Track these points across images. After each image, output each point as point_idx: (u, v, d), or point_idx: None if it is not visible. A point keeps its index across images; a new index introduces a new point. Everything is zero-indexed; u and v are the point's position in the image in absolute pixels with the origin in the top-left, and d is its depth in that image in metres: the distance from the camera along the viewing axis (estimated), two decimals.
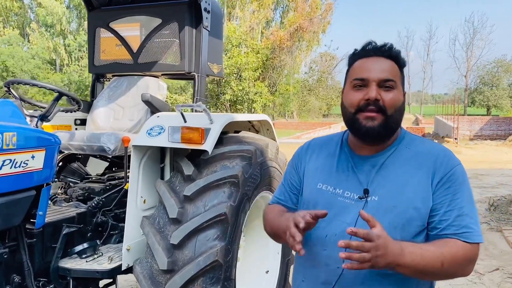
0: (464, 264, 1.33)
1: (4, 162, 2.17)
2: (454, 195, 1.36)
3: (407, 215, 1.35)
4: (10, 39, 32.08)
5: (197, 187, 2.57)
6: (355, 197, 1.41)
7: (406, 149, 1.45)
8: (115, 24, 3.77)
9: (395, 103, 1.39)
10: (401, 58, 1.45)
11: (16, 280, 2.41)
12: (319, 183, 1.51)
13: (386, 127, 1.39)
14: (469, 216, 1.35)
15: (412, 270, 1.26)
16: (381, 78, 1.39)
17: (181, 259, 2.47)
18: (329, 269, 1.40)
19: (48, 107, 2.74)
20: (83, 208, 2.98)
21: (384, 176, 1.41)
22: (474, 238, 1.33)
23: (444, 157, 1.41)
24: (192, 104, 2.69)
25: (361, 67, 1.43)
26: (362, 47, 1.47)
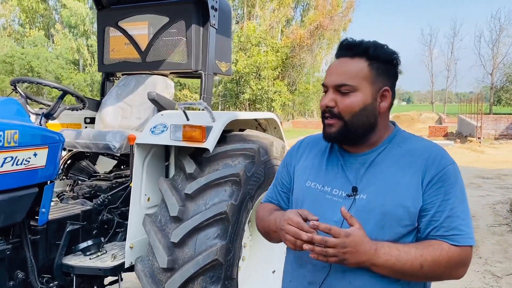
0: (451, 267, 1.29)
1: (5, 160, 2.19)
2: (445, 195, 1.31)
3: (395, 214, 1.32)
4: (35, 40, 32.85)
5: (198, 185, 2.56)
6: (343, 195, 1.38)
7: (397, 147, 1.42)
8: (124, 23, 3.80)
9: (351, 108, 1.36)
10: (372, 52, 1.37)
11: (20, 277, 2.44)
12: (308, 181, 1.49)
13: (345, 132, 1.37)
14: (460, 217, 1.31)
15: (388, 270, 1.26)
16: (335, 83, 1.37)
17: (181, 257, 2.46)
18: (316, 268, 1.38)
19: (53, 105, 2.77)
20: (88, 206, 3.00)
21: (373, 174, 1.38)
22: (463, 240, 1.29)
23: (436, 156, 1.36)
24: (193, 102, 2.68)
25: (328, 70, 1.43)
26: (339, 46, 1.44)
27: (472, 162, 14.83)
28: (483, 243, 5.97)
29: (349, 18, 38.36)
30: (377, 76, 1.38)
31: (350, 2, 37.38)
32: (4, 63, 28.52)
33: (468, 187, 10.04)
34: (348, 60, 1.38)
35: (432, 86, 63.66)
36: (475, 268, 5.05)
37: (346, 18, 37.89)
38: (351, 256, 1.22)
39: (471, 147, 19.43)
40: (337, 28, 36.64)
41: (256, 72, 26.10)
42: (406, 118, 41.40)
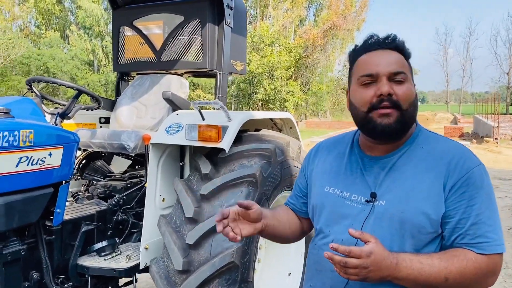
0: (478, 277, 1.22)
1: (20, 159, 2.18)
2: (469, 201, 1.23)
3: (416, 222, 1.24)
4: (51, 41, 33.24)
5: (213, 186, 2.52)
6: (363, 200, 1.32)
7: (419, 148, 1.34)
8: (139, 22, 3.78)
9: (409, 96, 1.29)
10: (406, 48, 1.35)
11: (34, 277, 2.43)
12: (326, 186, 1.44)
13: (402, 122, 1.28)
14: (486, 224, 1.22)
15: (411, 283, 1.20)
16: (391, 71, 1.28)
17: (196, 259, 2.42)
18: (335, 275, 1.29)
19: (68, 105, 2.75)
20: (103, 206, 2.98)
21: (393, 180, 1.31)
22: (491, 248, 1.21)
23: (460, 158, 1.28)
24: (209, 101, 2.64)
25: (366, 62, 1.33)
26: (364, 41, 1.37)
27: (490, 162, 14.57)
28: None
29: (363, 17, 38.07)
30: (411, 71, 1.36)
31: (363, 2, 37.09)
32: (21, 64, 28.89)
33: None
34: (390, 51, 1.33)
35: (447, 86, 62.87)
36: None
37: (360, 18, 37.60)
38: (374, 274, 1.16)
39: (488, 147, 19.11)
40: (351, 27, 36.36)
41: (269, 72, 26.04)
42: (421, 118, 40.98)
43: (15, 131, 2.14)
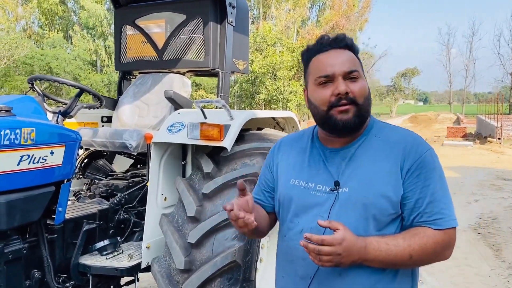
0: (438, 251, 1.34)
1: (22, 158, 2.18)
2: (425, 182, 1.35)
3: (378, 204, 1.34)
4: (54, 42, 33.30)
5: (215, 185, 2.51)
6: (327, 189, 1.41)
7: (375, 138, 1.45)
8: (141, 21, 3.77)
9: (364, 92, 1.40)
10: (355, 46, 1.46)
11: (36, 276, 2.43)
12: (292, 179, 1.51)
13: (359, 116, 1.39)
14: (441, 202, 1.35)
15: (379, 263, 1.31)
16: (345, 70, 1.39)
17: (198, 258, 2.41)
18: (306, 263, 1.38)
19: (70, 103, 2.75)
20: (105, 205, 2.98)
21: (354, 168, 1.41)
22: (446, 223, 1.33)
23: (413, 143, 1.40)
24: (211, 99, 2.63)
25: (322, 62, 1.42)
26: (317, 42, 1.46)
27: (493, 163, 14.53)
28: (506, 247, 5.81)
29: (366, 18, 38.04)
30: (362, 67, 1.46)
31: (366, 2, 37.06)
32: (24, 64, 28.94)
33: (489, 189, 9.83)
34: (342, 50, 1.42)
35: (450, 86, 62.79)
36: (499, 272, 4.91)
37: (363, 18, 37.59)
38: (346, 260, 1.25)
39: (491, 148, 19.07)
40: (353, 28, 36.35)
41: (272, 73, 26.01)
42: (424, 119, 40.92)
43: (17, 129, 2.14)
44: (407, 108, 75.27)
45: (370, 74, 48.69)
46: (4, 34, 27.72)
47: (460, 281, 4.68)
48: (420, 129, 33.82)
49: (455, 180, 11.04)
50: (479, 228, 6.70)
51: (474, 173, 12.30)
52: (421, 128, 34.97)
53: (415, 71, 60.41)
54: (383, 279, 1.36)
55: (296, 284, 1.45)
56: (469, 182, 10.77)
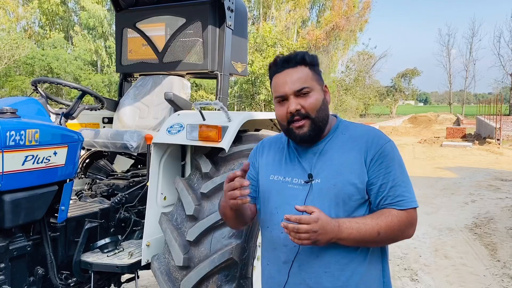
0: (402, 229, 1.51)
1: (26, 158, 2.25)
2: (386, 169, 1.52)
3: (347, 191, 1.52)
4: (55, 42, 33.39)
5: (213, 185, 2.59)
6: (302, 182, 1.58)
7: (341, 135, 1.62)
8: (141, 24, 3.85)
9: (315, 105, 1.56)
10: (308, 58, 1.59)
11: (39, 272, 2.51)
12: (271, 174, 1.68)
13: (315, 128, 1.56)
14: (401, 186, 1.52)
15: (352, 241, 1.47)
16: (295, 89, 1.55)
17: (196, 255, 2.49)
18: (288, 249, 1.56)
19: (72, 105, 2.83)
20: (106, 204, 3.05)
21: (324, 161, 1.58)
22: (408, 204, 1.51)
23: (374, 137, 1.57)
24: (209, 101, 2.71)
25: (277, 83, 1.59)
26: (273, 63, 1.62)
27: (491, 163, 14.59)
28: (502, 246, 5.88)
29: (365, 18, 38.09)
30: (317, 76, 1.61)
31: (366, 3, 37.11)
32: (25, 64, 29.03)
33: (487, 190, 9.89)
34: (293, 70, 1.57)
35: (450, 87, 62.86)
36: (494, 271, 4.98)
37: (363, 19, 37.61)
38: (322, 237, 1.41)
39: (490, 148, 19.11)
40: (353, 28, 36.40)
41: None
42: (423, 119, 40.92)
43: (22, 131, 2.22)
44: (407, 109, 75.32)
45: (370, 74, 48.76)
46: (5, 34, 27.77)
47: (455, 280, 4.75)
48: (420, 129, 33.86)
49: (453, 181, 11.11)
50: (475, 228, 6.77)
51: (472, 173, 12.35)
52: (421, 128, 35.01)
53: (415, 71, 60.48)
54: (356, 258, 1.53)
55: (280, 269, 1.60)
56: (467, 183, 10.83)
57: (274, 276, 1.63)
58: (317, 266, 1.53)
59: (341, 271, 1.52)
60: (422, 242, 6.03)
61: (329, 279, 1.52)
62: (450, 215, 7.54)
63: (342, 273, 1.52)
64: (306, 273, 1.54)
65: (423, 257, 5.45)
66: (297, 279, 1.56)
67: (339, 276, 1.52)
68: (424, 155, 17.16)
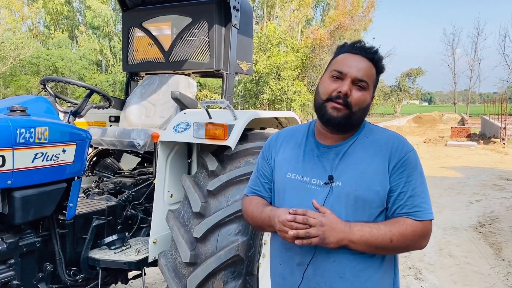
0: (415, 240, 1.48)
1: (36, 155, 2.29)
2: (407, 178, 1.50)
3: (368, 197, 1.48)
4: (60, 42, 33.52)
5: (220, 182, 2.61)
6: (321, 183, 1.53)
7: (366, 138, 1.58)
8: (148, 23, 3.88)
9: (361, 102, 1.52)
10: (381, 64, 1.58)
11: (48, 268, 2.54)
12: (288, 172, 1.62)
13: (348, 120, 1.52)
14: (420, 196, 1.50)
15: (364, 245, 1.44)
16: (357, 76, 1.51)
17: (203, 252, 2.51)
18: (303, 251, 1.52)
19: (80, 104, 2.86)
20: (113, 202, 3.08)
21: (347, 163, 1.53)
22: (424, 216, 1.49)
23: (398, 144, 1.55)
24: (215, 100, 2.73)
25: (343, 60, 1.55)
26: (352, 43, 1.58)
27: (496, 163, 14.55)
28: (507, 246, 5.87)
29: (370, 18, 38.00)
30: (376, 84, 1.60)
31: (371, 2, 37.01)
32: (30, 64, 29.18)
33: (492, 189, 9.87)
34: (365, 60, 1.54)
35: (455, 86, 62.56)
36: (498, 270, 4.98)
37: (367, 18, 37.53)
38: (330, 234, 1.40)
39: (495, 148, 19.04)
40: (358, 28, 36.30)
41: (276, 73, 26.07)
42: (428, 119, 40.77)
43: (31, 128, 2.25)
44: (412, 108, 75.05)
45: None
46: (10, 34, 27.92)
47: (459, 278, 4.75)
48: (425, 129, 33.75)
49: (458, 180, 11.09)
50: (480, 227, 6.77)
51: (477, 173, 12.33)
52: (426, 128, 34.89)
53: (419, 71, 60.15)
54: (372, 265, 1.51)
55: (293, 270, 1.57)
56: (472, 182, 10.81)
57: (287, 277, 1.60)
58: (332, 271, 1.50)
59: (356, 277, 1.50)
60: None
61: (344, 284, 1.50)
62: (455, 215, 7.53)
63: (357, 279, 1.50)
64: (321, 277, 1.51)
65: (428, 256, 5.46)
66: (311, 283, 1.53)
67: (353, 282, 1.50)
68: (429, 154, 17.12)
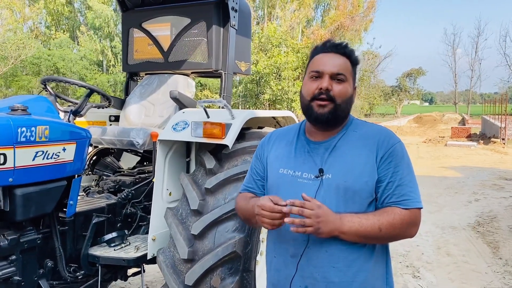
0: (404, 228, 1.54)
1: (37, 154, 2.33)
2: (395, 168, 1.56)
3: (357, 188, 1.55)
4: (61, 42, 33.61)
5: (217, 180, 2.66)
6: (312, 177, 1.60)
7: (353, 132, 1.66)
8: (147, 24, 3.93)
9: (343, 94, 1.60)
10: (353, 56, 1.66)
11: (49, 265, 2.59)
12: (281, 168, 1.70)
13: (334, 114, 1.59)
14: (408, 186, 1.56)
15: (354, 236, 1.50)
16: (333, 71, 1.59)
17: (201, 249, 2.56)
18: (296, 242, 1.60)
19: (80, 103, 2.91)
20: (113, 200, 3.13)
21: (336, 157, 1.61)
22: (412, 204, 1.54)
23: (385, 136, 1.62)
24: (213, 99, 2.77)
25: (318, 61, 1.64)
26: (323, 43, 1.68)
27: (496, 163, 14.58)
28: (504, 245, 5.91)
29: (370, 18, 38.03)
30: (354, 75, 1.68)
31: (371, 2, 37.03)
32: (31, 64, 29.27)
33: (491, 189, 9.90)
34: (338, 56, 1.63)
35: (456, 86, 62.60)
36: (495, 268, 5.02)
37: (367, 18, 37.55)
38: (324, 225, 1.46)
39: (495, 148, 19.07)
40: (358, 28, 36.37)
41: (277, 73, 26.10)
42: (429, 119, 40.82)
43: (32, 127, 2.30)
44: (412, 109, 75.07)
45: (375, 74, 48.63)
46: (11, 35, 28.00)
47: (456, 277, 4.80)
48: (425, 129, 33.78)
49: (457, 180, 11.12)
50: (478, 226, 6.81)
51: (476, 173, 12.36)
52: (426, 128, 34.92)
53: (420, 71, 60.17)
54: (363, 255, 1.57)
55: (287, 262, 1.63)
56: (471, 182, 10.85)
57: (281, 269, 1.66)
58: (325, 261, 1.56)
59: (348, 267, 1.55)
60: (424, 240, 6.08)
61: (336, 274, 1.55)
62: (454, 214, 7.58)
63: (349, 268, 1.55)
64: (314, 267, 1.57)
65: (426, 255, 5.50)
66: (305, 273, 1.59)
67: (346, 272, 1.55)
68: (429, 154, 17.16)
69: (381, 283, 1.63)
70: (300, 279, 1.60)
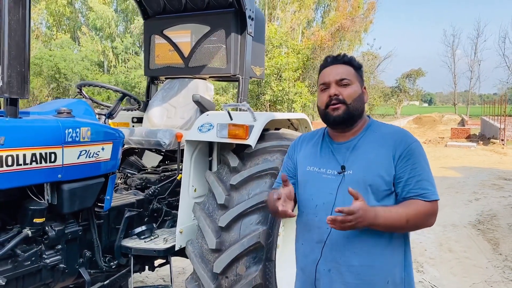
0: (426, 218, 1.74)
1: (81, 152, 2.57)
2: (413, 165, 1.74)
3: (375, 182, 1.74)
4: (62, 43, 33.78)
5: (241, 177, 2.89)
6: (335, 173, 1.82)
7: (373, 133, 1.85)
8: (168, 31, 4.16)
9: (352, 94, 1.81)
10: (354, 61, 1.89)
11: (87, 255, 2.82)
12: (308, 166, 1.92)
13: (348, 113, 1.80)
14: (426, 180, 1.74)
15: (384, 227, 1.69)
16: (336, 78, 1.82)
17: (227, 240, 2.79)
18: (321, 231, 1.80)
19: (114, 106, 3.14)
20: (141, 196, 3.36)
21: (356, 155, 1.81)
22: (432, 196, 1.73)
23: (403, 136, 1.80)
24: (237, 103, 3.01)
25: (323, 74, 1.88)
26: (324, 60, 1.93)
27: (495, 164, 14.82)
28: (504, 241, 6.15)
29: (370, 19, 38.27)
30: (360, 77, 1.89)
31: (371, 3, 37.28)
32: (33, 64, 29.38)
33: (490, 188, 10.14)
34: (339, 65, 1.86)
35: (455, 87, 62.88)
36: (495, 263, 5.26)
37: (367, 19, 37.79)
38: (361, 223, 1.61)
39: (494, 149, 19.31)
40: (358, 29, 36.56)
41: (277, 74, 26.32)
42: (428, 120, 41.06)
43: (77, 129, 2.54)
44: (412, 109, 75.28)
45: (375, 75, 48.81)
46: None
47: (458, 271, 5.03)
48: (425, 130, 34.02)
49: (458, 180, 11.36)
50: (478, 224, 7.05)
51: (476, 173, 12.60)
52: (426, 129, 35.16)
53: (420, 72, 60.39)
54: (381, 242, 1.76)
55: (313, 248, 1.85)
56: (471, 182, 11.09)
57: (308, 255, 1.87)
58: (347, 247, 1.75)
59: (368, 253, 1.74)
60: (427, 237, 6.31)
61: (356, 258, 1.74)
62: (454, 213, 7.81)
63: (369, 254, 1.74)
64: (337, 252, 1.77)
65: (428, 251, 5.74)
66: (329, 257, 1.79)
67: (366, 256, 1.74)
68: (429, 155, 17.24)
69: (399, 270, 1.80)
70: (324, 263, 1.80)
